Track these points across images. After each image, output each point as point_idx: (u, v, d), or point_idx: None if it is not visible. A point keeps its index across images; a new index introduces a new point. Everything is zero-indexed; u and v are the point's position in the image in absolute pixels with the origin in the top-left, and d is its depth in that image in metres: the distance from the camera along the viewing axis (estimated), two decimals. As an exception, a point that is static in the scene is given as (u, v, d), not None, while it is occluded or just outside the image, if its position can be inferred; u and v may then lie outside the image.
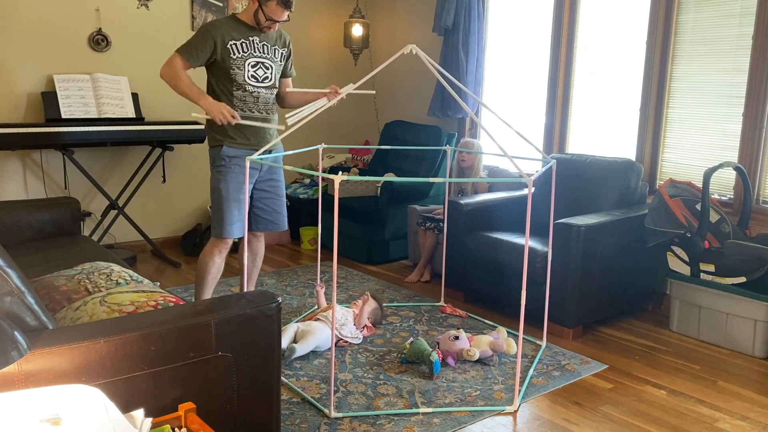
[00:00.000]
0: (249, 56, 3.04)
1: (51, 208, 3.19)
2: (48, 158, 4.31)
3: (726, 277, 3.16)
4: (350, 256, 4.67)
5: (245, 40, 3.03)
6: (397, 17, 5.40)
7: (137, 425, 1.33)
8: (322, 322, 3.08)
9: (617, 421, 2.50)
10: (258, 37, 3.06)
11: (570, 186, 3.75)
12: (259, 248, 3.40)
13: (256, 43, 3.06)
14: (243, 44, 3.03)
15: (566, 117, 4.30)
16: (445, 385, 2.74)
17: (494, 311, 3.67)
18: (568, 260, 3.23)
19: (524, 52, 4.57)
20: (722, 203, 3.51)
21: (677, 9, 3.68)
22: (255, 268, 3.41)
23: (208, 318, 1.69)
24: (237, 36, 3.02)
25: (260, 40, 3.07)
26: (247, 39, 3.04)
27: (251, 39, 3.05)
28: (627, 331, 3.44)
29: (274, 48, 3.11)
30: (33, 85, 4.18)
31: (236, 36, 3.01)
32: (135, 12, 4.50)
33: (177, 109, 4.76)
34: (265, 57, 3.08)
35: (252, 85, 3.06)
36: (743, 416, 2.56)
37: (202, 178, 4.99)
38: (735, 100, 3.47)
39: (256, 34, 3.06)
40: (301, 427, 2.38)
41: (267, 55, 3.09)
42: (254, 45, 3.05)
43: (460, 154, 4.21)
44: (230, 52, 3.00)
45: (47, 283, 2.11)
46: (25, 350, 1.29)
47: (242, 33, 3.03)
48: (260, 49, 3.07)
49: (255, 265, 3.40)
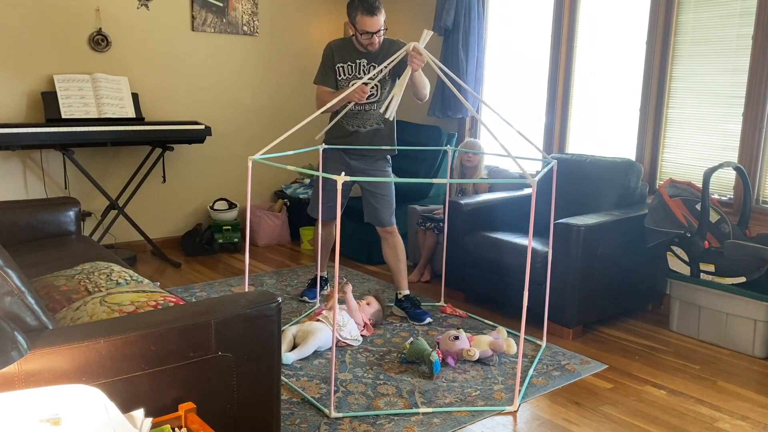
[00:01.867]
0: (353, 77, 3.30)
1: (51, 208, 3.19)
2: (48, 158, 4.31)
3: (726, 277, 3.16)
4: (350, 256, 4.67)
5: (351, 63, 3.30)
6: (397, 17, 5.40)
7: (137, 425, 1.33)
8: (322, 323, 3.08)
9: (617, 421, 2.50)
10: (366, 59, 3.28)
11: (570, 186, 3.75)
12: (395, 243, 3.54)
13: (363, 65, 3.29)
14: (349, 66, 3.30)
15: (566, 117, 4.30)
16: (445, 385, 2.74)
17: (494, 311, 3.67)
18: (568, 260, 3.23)
19: (524, 52, 4.57)
20: (722, 203, 3.51)
21: (677, 9, 3.68)
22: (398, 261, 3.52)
23: (208, 318, 1.69)
24: (345, 58, 3.30)
25: (368, 62, 3.28)
26: (354, 62, 3.29)
27: (358, 62, 3.29)
28: (627, 331, 3.44)
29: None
30: (33, 85, 4.18)
31: (345, 58, 3.30)
32: (135, 12, 4.50)
33: (177, 109, 4.77)
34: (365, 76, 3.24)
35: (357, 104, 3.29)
36: (743, 416, 2.56)
37: (202, 178, 5.00)
38: (735, 100, 3.47)
39: (365, 56, 3.28)
40: (301, 427, 2.38)
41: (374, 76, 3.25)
42: (359, 67, 3.30)
43: (465, 155, 4.21)
44: (337, 72, 3.32)
45: (47, 283, 2.11)
46: (25, 350, 1.29)
47: (351, 56, 3.29)
48: (366, 70, 3.28)
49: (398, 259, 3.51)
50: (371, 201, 3.47)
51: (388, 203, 3.46)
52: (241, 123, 5.12)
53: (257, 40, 5.07)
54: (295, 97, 5.33)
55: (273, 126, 5.19)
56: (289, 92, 5.32)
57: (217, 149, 4.99)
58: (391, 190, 3.50)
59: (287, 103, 5.32)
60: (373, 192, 3.46)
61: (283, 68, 5.27)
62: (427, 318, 3.45)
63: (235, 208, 4.91)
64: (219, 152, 5.02)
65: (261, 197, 5.38)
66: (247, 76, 5.09)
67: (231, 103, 5.05)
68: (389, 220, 3.48)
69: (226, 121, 5.03)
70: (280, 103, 5.29)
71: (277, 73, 5.25)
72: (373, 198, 3.46)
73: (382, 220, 3.47)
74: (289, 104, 5.32)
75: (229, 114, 5.05)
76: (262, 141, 5.07)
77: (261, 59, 5.15)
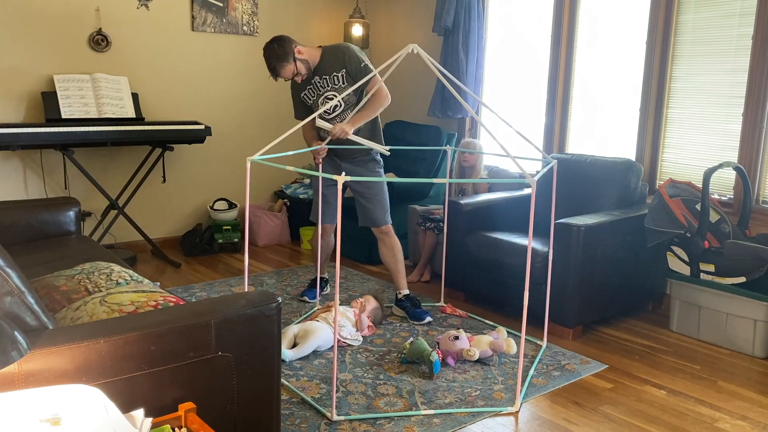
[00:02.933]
0: (318, 96, 3.39)
1: (51, 208, 3.19)
2: (48, 158, 4.31)
3: (726, 277, 3.16)
4: (350, 256, 4.67)
5: (309, 85, 3.39)
6: (397, 17, 5.40)
7: (137, 425, 1.33)
8: (321, 323, 3.08)
9: (617, 421, 2.50)
10: (318, 76, 3.35)
11: (570, 186, 3.75)
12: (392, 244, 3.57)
13: (317, 82, 3.37)
14: (309, 90, 3.40)
15: (566, 117, 4.30)
16: (445, 385, 2.74)
17: (494, 311, 3.67)
18: (568, 260, 3.23)
19: (524, 53, 4.57)
20: (722, 203, 3.51)
21: (677, 9, 3.68)
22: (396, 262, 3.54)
23: (208, 318, 1.69)
24: (303, 85, 3.40)
25: (320, 77, 3.35)
26: (310, 83, 3.37)
27: (313, 82, 3.37)
28: (627, 331, 3.44)
29: (334, 76, 3.32)
30: (33, 85, 4.18)
31: (303, 85, 3.40)
32: (135, 12, 4.50)
33: (177, 109, 4.77)
34: (326, 89, 3.36)
35: (327, 119, 3.36)
36: (743, 416, 2.56)
37: (202, 178, 5.00)
38: (735, 100, 3.47)
39: (315, 74, 3.35)
40: (301, 427, 2.38)
41: (327, 87, 3.35)
42: (316, 86, 3.38)
43: (462, 154, 4.21)
44: (305, 100, 3.45)
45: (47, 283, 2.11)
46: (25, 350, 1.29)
47: (305, 81, 3.37)
48: (323, 84, 3.36)
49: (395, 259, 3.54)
50: (363, 203, 3.48)
51: (380, 203, 3.46)
52: (241, 123, 5.12)
53: (257, 40, 5.07)
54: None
55: (273, 126, 5.19)
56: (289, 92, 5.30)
57: (217, 149, 4.99)
58: (383, 190, 3.49)
59: (287, 104, 5.28)
60: (363, 193, 3.46)
61: (283, 68, 5.26)
62: (427, 317, 3.45)
63: (235, 208, 4.91)
64: (219, 152, 5.02)
65: (261, 197, 5.38)
66: (247, 76, 5.09)
67: (231, 103, 5.05)
68: (383, 220, 3.47)
69: (226, 121, 5.03)
70: (280, 103, 5.28)
71: (277, 73, 5.24)
72: (364, 200, 3.47)
73: (376, 220, 3.47)
74: (289, 104, 5.27)
75: (229, 114, 5.05)
76: (262, 141, 5.08)
77: (261, 59, 5.11)
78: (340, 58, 3.29)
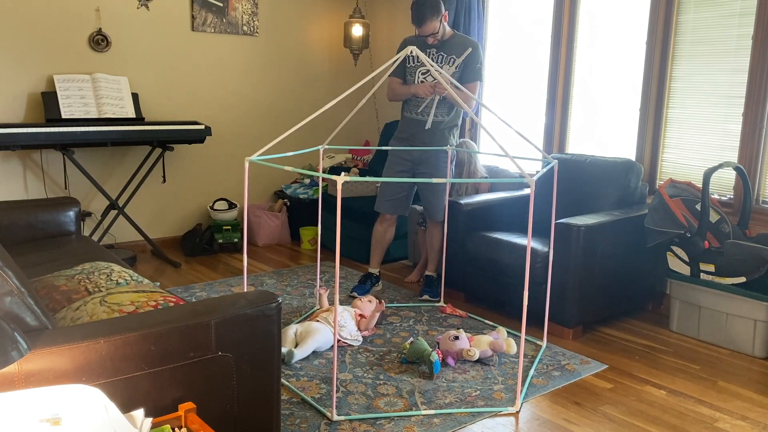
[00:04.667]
0: (420, 65, 3.61)
1: (51, 208, 3.19)
2: (48, 158, 4.31)
3: (726, 277, 3.16)
4: (350, 256, 4.67)
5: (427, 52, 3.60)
6: (397, 17, 5.40)
7: (137, 425, 1.33)
8: (321, 323, 3.08)
9: (617, 421, 2.50)
10: (435, 49, 3.60)
11: (570, 186, 3.75)
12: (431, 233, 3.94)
13: (433, 53, 3.60)
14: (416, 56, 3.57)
15: (566, 117, 4.30)
16: (445, 385, 2.74)
17: (494, 311, 3.67)
18: (568, 260, 3.23)
19: (524, 52, 4.57)
20: (722, 203, 3.51)
21: (677, 9, 3.68)
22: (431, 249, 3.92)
23: (208, 318, 1.69)
24: (425, 48, 3.59)
25: (437, 51, 3.60)
26: (424, 51, 3.56)
27: (427, 51, 3.60)
28: (627, 331, 3.44)
29: (450, 57, 3.58)
30: (33, 85, 4.18)
31: (425, 47, 3.59)
32: (135, 12, 4.50)
33: (177, 109, 4.77)
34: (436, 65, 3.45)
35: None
36: (743, 416, 2.56)
37: (202, 178, 5.00)
38: (735, 100, 3.47)
39: (434, 47, 3.59)
40: (301, 427, 2.38)
41: (439, 64, 3.58)
42: (431, 56, 3.60)
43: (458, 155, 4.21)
44: (407, 61, 3.66)
45: (47, 283, 2.11)
46: (25, 350, 1.29)
47: (421, 47, 3.56)
48: (435, 59, 3.60)
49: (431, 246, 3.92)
50: (429, 198, 3.78)
51: (443, 202, 3.75)
52: (241, 123, 5.12)
53: (257, 40, 5.07)
54: (295, 97, 5.33)
55: (273, 126, 5.19)
56: (289, 92, 5.32)
57: (217, 149, 4.99)
58: (446, 191, 3.76)
59: (287, 104, 5.32)
60: (430, 189, 3.75)
61: (283, 68, 5.27)
62: (425, 296, 3.80)
63: (235, 208, 4.91)
64: (219, 152, 5.02)
65: (261, 197, 5.38)
66: (246, 77, 5.09)
67: (231, 103, 5.05)
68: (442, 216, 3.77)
69: (226, 121, 5.03)
70: (280, 103, 5.29)
71: (277, 73, 5.25)
72: (431, 195, 3.77)
73: (436, 216, 3.81)
74: (289, 104, 5.32)
75: (229, 114, 5.05)
76: (262, 141, 5.08)
77: (261, 59, 5.15)
78: (468, 47, 3.57)
